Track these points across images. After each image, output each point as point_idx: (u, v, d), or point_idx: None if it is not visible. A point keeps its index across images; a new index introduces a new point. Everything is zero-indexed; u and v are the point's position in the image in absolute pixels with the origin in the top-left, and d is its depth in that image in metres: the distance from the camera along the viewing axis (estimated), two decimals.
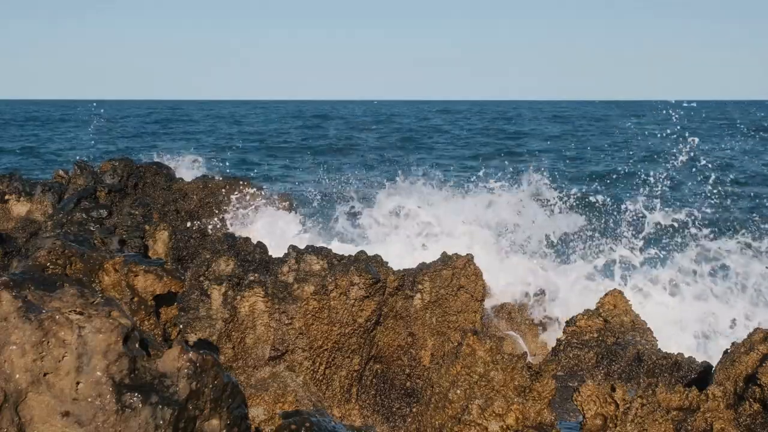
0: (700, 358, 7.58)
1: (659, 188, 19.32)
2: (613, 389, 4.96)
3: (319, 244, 8.76)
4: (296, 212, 13.07)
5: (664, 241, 15.85)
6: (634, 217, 16.67)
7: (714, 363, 6.46)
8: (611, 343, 7.88)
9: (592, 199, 19.02)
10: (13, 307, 3.05)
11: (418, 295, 6.52)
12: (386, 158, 42.64)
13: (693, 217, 16.35)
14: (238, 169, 35.03)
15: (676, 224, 16.22)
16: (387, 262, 6.53)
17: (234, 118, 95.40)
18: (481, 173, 19.59)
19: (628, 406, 4.89)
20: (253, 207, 11.62)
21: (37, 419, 2.98)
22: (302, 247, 6.58)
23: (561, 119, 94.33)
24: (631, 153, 46.81)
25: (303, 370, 6.01)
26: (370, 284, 6.08)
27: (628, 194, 20.48)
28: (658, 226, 16.20)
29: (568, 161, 42.30)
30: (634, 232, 15.77)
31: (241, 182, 11.72)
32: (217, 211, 10.92)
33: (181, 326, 6.04)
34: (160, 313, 4.19)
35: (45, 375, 3.00)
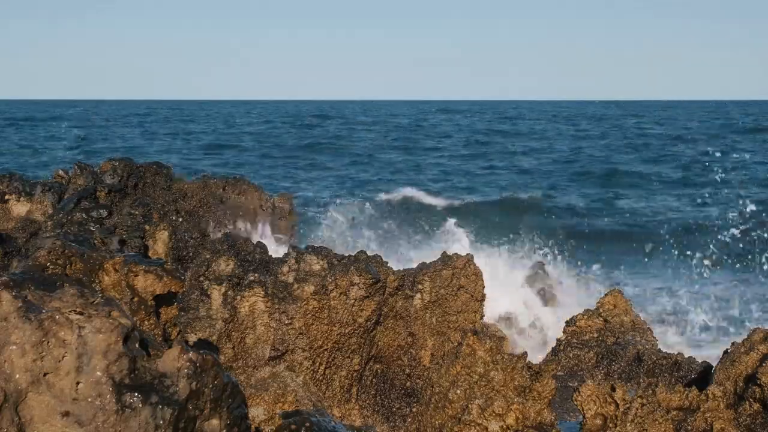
0: None
1: (702, 271, 16.04)
2: (613, 389, 4.96)
3: None
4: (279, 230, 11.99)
5: (712, 351, 12.66)
6: (674, 312, 13.93)
7: (714, 363, 6.46)
8: (611, 343, 7.88)
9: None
10: (13, 307, 3.05)
11: (418, 295, 6.52)
12: (383, 161, 42.62)
13: (750, 316, 13.42)
14: (237, 169, 35.06)
15: (727, 324, 13.26)
16: (387, 262, 6.53)
17: (233, 118, 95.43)
18: (471, 234, 16.66)
19: (628, 406, 4.90)
20: (253, 209, 11.59)
21: (37, 419, 2.98)
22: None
23: (561, 119, 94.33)
24: (635, 152, 46.83)
25: (303, 370, 6.01)
26: (370, 284, 6.09)
27: (659, 270, 16.19)
28: (704, 326, 13.28)
29: (567, 162, 42.30)
30: (674, 332, 13.00)
31: (241, 182, 11.71)
32: (217, 212, 10.92)
33: (181, 326, 6.03)
34: (160, 313, 4.19)
35: (45, 375, 3.00)
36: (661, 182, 33.99)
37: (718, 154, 45.06)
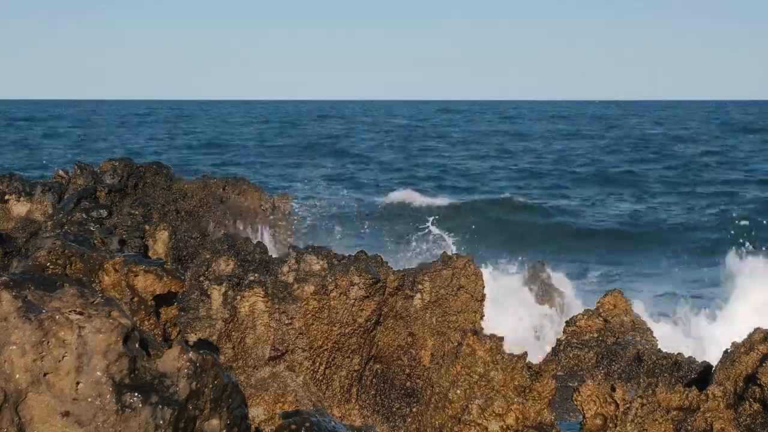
0: None
1: (702, 271, 14.75)
2: (613, 389, 4.96)
3: None
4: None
5: (712, 351, 11.22)
6: (674, 312, 13.27)
7: (714, 363, 6.46)
8: (611, 343, 7.88)
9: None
10: (13, 307, 3.04)
11: (418, 295, 6.52)
12: (381, 161, 42.62)
13: (748, 315, 12.26)
14: (236, 169, 35.06)
15: (727, 323, 12.30)
16: (387, 262, 6.53)
17: (233, 118, 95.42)
18: (455, 236, 15.96)
19: (628, 406, 4.89)
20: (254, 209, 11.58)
21: (37, 419, 2.98)
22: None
23: (561, 119, 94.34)
24: (636, 152, 46.83)
25: (303, 370, 6.01)
26: (370, 284, 6.08)
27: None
28: (704, 325, 12.33)
29: (566, 163, 42.29)
30: (674, 332, 12.22)
31: (241, 182, 11.71)
32: (217, 212, 10.91)
33: (181, 326, 6.03)
34: (160, 313, 4.19)
35: (45, 375, 3.00)
36: (660, 182, 33.99)
37: (717, 154, 45.06)
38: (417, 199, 27.30)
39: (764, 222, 22.14)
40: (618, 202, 29.14)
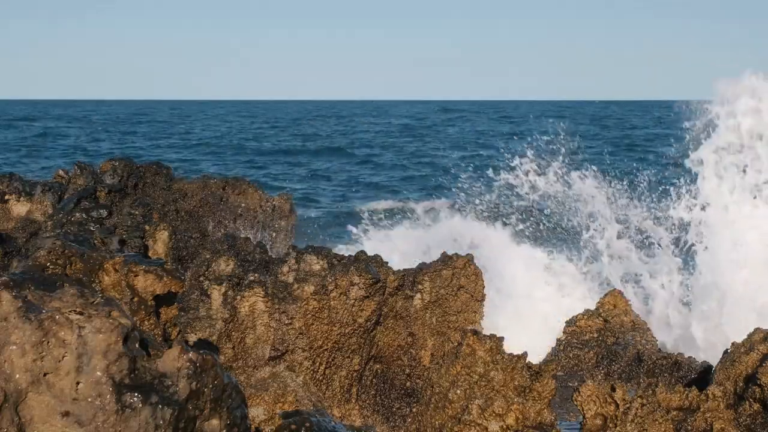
0: None
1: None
2: (613, 389, 4.97)
3: None
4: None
5: (712, 351, 9.82)
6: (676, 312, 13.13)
7: (714, 363, 6.46)
8: (611, 343, 7.88)
9: None
10: (13, 307, 3.04)
11: (418, 295, 6.52)
12: (381, 161, 42.61)
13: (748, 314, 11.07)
14: (236, 169, 35.06)
15: (726, 321, 11.26)
16: (387, 262, 6.53)
17: (232, 118, 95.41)
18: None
19: (628, 406, 4.90)
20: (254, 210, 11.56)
21: (37, 419, 2.98)
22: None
23: (561, 119, 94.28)
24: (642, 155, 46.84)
25: (303, 370, 6.01)
26: (370, 284, 6.08)
27: None
28: (705, 323, 11.60)
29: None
30: (673, 332, 11.59)
31: (240, 182, 11.70)
32: (217, 212, 10.91)
33: (181, 326, 6.03)
34: (160, 313, 4.19)
35: (45, 375, 3.00)
36: (660, 182, 33.96)
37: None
38: (415, 200, 27.27)
39: None
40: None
